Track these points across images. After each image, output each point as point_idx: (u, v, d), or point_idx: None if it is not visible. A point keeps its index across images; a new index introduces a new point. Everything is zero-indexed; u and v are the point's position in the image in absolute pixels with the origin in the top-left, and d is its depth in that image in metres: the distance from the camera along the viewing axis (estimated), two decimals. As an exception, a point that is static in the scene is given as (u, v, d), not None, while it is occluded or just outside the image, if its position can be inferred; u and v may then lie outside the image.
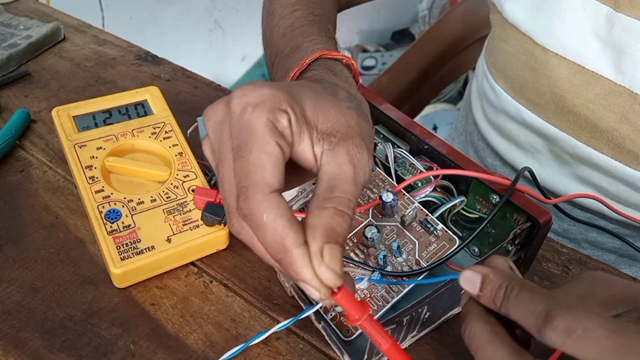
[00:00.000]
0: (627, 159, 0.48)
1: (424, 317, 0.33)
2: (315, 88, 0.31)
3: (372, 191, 0.40)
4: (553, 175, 0.55)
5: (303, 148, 0.28)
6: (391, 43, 2.21)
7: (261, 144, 0.26)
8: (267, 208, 0.25)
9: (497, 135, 0.60)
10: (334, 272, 0.25)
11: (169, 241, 0.38)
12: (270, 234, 0.25)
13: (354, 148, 0.28)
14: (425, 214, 0.38)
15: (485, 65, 0.59)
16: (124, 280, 0.38)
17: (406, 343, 0.35)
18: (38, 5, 0.74)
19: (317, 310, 0.35)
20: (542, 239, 0.36)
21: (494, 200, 0.37)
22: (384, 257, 0.36)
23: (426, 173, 0.39)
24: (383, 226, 0.38)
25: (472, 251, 0.40)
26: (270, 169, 0.26)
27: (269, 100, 0.27)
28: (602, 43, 0.45)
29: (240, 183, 0.26)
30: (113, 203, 0.40)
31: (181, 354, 0.35)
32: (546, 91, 0.50)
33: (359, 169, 0.28)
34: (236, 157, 0.26)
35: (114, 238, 0.38)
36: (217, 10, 1.68)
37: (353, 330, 0.34)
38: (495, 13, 0.53)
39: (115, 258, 0.37)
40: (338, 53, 0.39)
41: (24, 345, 0.35)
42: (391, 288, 0.36)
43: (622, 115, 0.45)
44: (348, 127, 0.29)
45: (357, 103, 0.32)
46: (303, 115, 0.28)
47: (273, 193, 0.25)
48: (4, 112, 0.54)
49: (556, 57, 0.47)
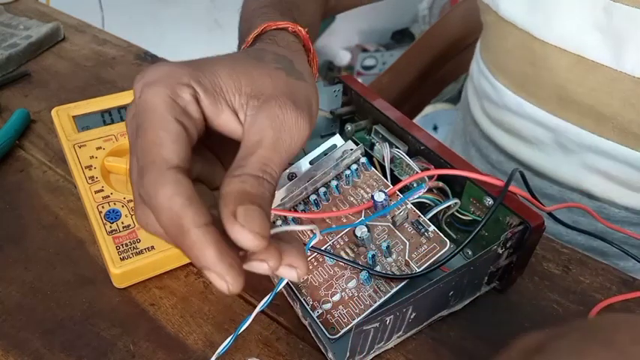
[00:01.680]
0: (634, 143, 0.49)
1: (410, 318, 0.33)
2: (234, 56, 0.29)
3: (366, 191, 0.40)
4: (560, 165, 0.56)
5: (225, 118, 0.26)
6: (391, 42, 2.20)
7: (159, 121, 0.24)
8: (163, 184, 0.23)
9: (500, 131, 0.60)
10: (252, 232, 0.23)
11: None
12: (165, 213, 0.23)
13: (277, 110, 0.26)
14: (417, 215, 0.38)
15: (481, 64, 0.59)
16: (123, 280, 0.38)
17: (391, 343, 0.35)
18: (38, 5, 0.74)
19: (304, 307, 0.36)
20: (535, 243, 0.36)
21: (487, 203, 0.37)
22: (373, 257, 0.36)
23: (420, 174, 0.39)
24: (374, 226, 0.38)
25: (465, 254, 0.40)
26: (168, 145, 0.24)
27: (167, 76, 0.25)
28: (602, 33, 0.45)
29: (139, 163, 0.24)
30: (113, 203, 0.40)
31: (181, 354, 0.35)
32: (548, 84, 0.51)
33: (283, 132, 0.26)
34: (136, 138, 0.25)
35: (113, 238, 0.38)
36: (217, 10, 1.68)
37: (338, 328, 0.35)
38: (489, 14, 0.54)
39: (115, 258, 0.37)
40: (283, 22, 0.36)
41: (24, 345, 0.35)
42: (379, 288, 0.36)
43: (625, 100, 0.46)
44: (274, 87, 0.27)
45: (288, 62, 0.30)
46: (214, 85, 0.26)
47: (172, 169, 0.23)
48: (4, 112, 0.54)
49: (555, 49, 0.48)
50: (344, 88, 0.47)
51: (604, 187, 0.54)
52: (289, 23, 0.37)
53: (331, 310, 0.36)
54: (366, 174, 0.41)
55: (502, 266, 0.37)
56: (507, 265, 0.37)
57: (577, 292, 0.40)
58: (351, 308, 0.35)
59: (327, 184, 0.41)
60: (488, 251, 0.34)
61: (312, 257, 0.38)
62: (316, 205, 0.40)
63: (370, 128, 0.45)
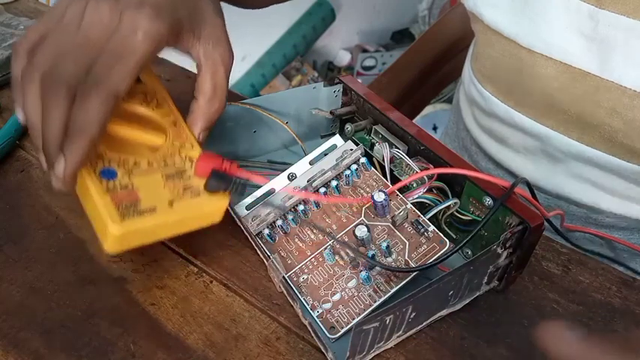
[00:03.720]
0: (620, 152, 0.48)
1: (410, 317, 0.33)
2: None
3: (366, 191, 0.40)
4: (547, 175, 0.55)
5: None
6: (391, 43, 2.21)
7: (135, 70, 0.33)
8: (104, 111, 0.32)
9: (488, 138, 0.60)
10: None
11: (171, 205, 0.35)
12: (76, 124, 0.32)
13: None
14: (417, 215, 0.38)
15: (471, 72, 0.59)
16: (120, 243, 0.33)
17: (391, 342, 0.35)
18: (38, 5, 0.74)
19: (304, 307, 0.36)
20: (535, 243, 0.36)
21: (487, 203, 0.37)
22: (372, 256, 0.36)
23: (420, 173, 0.39)
24: (374, 226, 0.38)
25: (465, 253, 0.40)
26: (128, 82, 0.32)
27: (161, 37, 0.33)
28: (587, 40, 0.45)
29: (93, 78, 0.31)
30: (107, 162, 0.36)
31: (181, 354, 0.35)
32: (535, 92, 0.50)
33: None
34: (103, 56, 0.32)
35: (111, 197, 0.33)
36: (217, 10, 1.68)
37: (338, 328, 0.35)
38: (476, 22, 0.54)
39: (114, 216, 0.33)
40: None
41: (24, 345, 0.35)
42: (379, 288, 0.36)
43: (612, 109, 0.46)
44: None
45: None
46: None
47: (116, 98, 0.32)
48: (4, 112, 0.54)
49: (542, 57, 0.48)
50: (344, 89, 0.47)
51: (591, 195, 0.54)
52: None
53: (331, 309, 0.36)
54: (365, 174, 0.41)
55: (502, 266, 0.37)
56: (507, 265, 0.37)
57: (577, 292, 0.40)
58: (351, 308, 0.35)
59: (327, 184, 0.41)
60: (488, 251, 0.34)
61: (312, 257, 0.38)
62: (316, 205, 0.40)
63: (370, 128, 0.45)
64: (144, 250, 0.41)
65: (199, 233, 0.42)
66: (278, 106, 0.45)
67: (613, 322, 0.38)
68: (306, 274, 0.38)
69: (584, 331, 0.25)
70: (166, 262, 0.40)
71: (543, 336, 0.25)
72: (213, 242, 0.42)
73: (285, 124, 0.45)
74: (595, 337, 0.25)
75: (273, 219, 0.40)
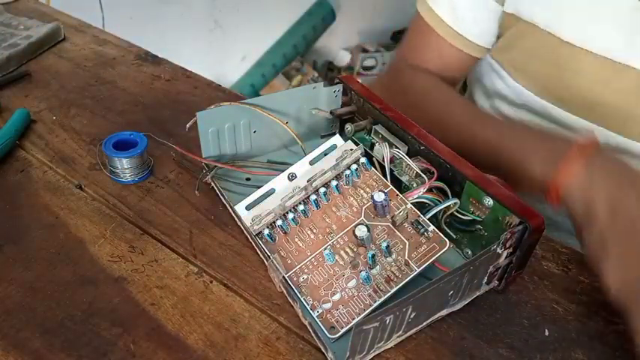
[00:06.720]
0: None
1: (410, 317, 0.33)
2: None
3: (366, 191, 0.40)
4: None
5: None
6: (391, 43, 2.21)
7: None
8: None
9: None
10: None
11: None
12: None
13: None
14: (417, 214, 0.38)
15: (495, 65, 0.59)
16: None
17: (391, 342, 0.35)
18: (38, 5, 0.74)
19: (304, 307, 0.36)
20: (535, 243, 0.36)
21: (487, 203, 0.37)
22: (372, 256, 0.36)
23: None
24: (374, 226, 0.38)
25: (465, 253, 0.40)
26: None
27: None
28: (629, 34, 0.45)
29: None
30: None
31: (181, 354, 0.35)
32: (573, 86, 0.51)
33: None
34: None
35: None
36: (217, 10, 1.68)
37: (338, 328, 0.35)
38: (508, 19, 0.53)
39: None
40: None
41: (24, 345, 0.35)
42: (379, 288, 0.36)
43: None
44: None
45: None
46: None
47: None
48: (4, 112, 0.54)
49: (582, 52, 0.48)
50: (344, 89, 0.47)
51: None
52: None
53: (331, 309, 0.36)
54: (365, 174, 0.41)
55: (502, 266, 0.37)
56: (507, 264, 0.37)
57: (577, 292, 0.40)
58: (351, 308, 0.35)
59: (327, 184, 0.41)
60: (488, 251, 0.34)
61: (312, 257, 0.38)
62: (316, 205, 0.40)
63: (370, 128, 0.45)
64: (144, 250, 0.41)
65: (199, 233, 0.43)
66: (278, 106, 0.45)
67: (613, 322, 0.38)
68: (306, 274, 0.38)
69: None
70: (166, 262, 0.40)
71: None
72: (214, 242, 0.42)
73: (285, 124, 0.45)
74: None
75: (273, 219, 0.40)
